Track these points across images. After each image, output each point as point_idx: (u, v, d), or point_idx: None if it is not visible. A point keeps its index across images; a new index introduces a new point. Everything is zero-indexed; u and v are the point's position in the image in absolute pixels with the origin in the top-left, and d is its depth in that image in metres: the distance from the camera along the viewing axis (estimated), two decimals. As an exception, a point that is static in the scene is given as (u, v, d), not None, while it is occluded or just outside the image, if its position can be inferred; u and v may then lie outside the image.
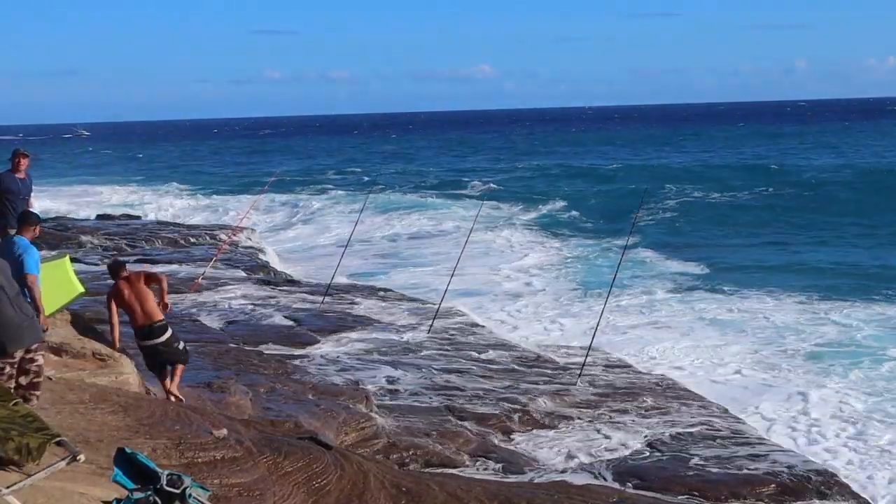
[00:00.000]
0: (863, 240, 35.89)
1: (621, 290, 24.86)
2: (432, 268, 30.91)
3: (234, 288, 23.02)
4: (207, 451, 7.94)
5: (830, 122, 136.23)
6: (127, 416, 8.40)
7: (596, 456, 12.17)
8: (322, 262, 31.25)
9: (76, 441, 7.02)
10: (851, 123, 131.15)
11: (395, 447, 11.88)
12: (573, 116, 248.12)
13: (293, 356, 16.22)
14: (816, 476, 11.56)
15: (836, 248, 34.38)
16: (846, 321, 22.14)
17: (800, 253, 33.65)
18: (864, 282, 27.29)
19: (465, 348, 17.58)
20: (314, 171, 76.30)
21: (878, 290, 25.48)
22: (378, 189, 44.02)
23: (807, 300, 24.65)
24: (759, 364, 18.76)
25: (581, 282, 28.14)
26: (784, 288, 26.29)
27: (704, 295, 25.90)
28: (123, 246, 30.70)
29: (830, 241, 36.20)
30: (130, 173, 77.85)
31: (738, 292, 26.16)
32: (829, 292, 25.44)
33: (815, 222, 40.47)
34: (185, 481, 5.66)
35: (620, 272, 20.32)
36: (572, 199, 50.46)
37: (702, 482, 11.28)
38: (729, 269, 30.38)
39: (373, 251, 35.55)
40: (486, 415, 13.61)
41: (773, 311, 23.45)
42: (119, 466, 5.77)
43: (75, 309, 12.95)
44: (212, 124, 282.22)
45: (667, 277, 28.81)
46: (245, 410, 11.79)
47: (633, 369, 16.83)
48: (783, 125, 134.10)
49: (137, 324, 11.16)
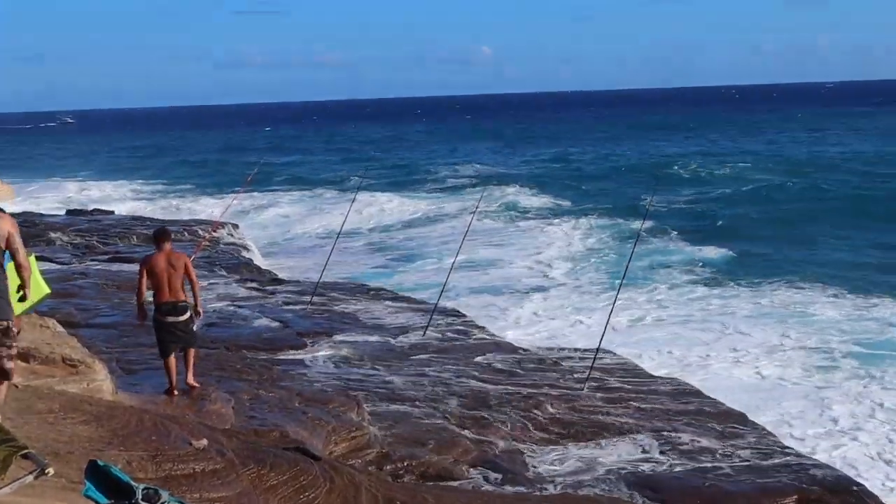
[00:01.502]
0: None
1: (633, 287, 24.92)
2: (432, 262, 30.96)
3: (214, 287, 23.00)
4: (186, 464, 7.93)
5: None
6: (99, 426, 8.40)
7: (605, 466, 12.16)
8: (315, 259, 31.29)
9: (45, 453, 7.00)
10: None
11: (388, 458, 11.87)
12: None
13: (279, 361, 16.20)
14: (842, 488, 11.54)
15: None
16: (881, 318, 22.13)
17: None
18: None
19: (464, 351, 17.57)
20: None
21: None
22: (366, 182, 44.06)
23: (838, 296, 24.66)
24: (779, 365, 18.80)
25: (591, 279, 28.20)
26: (811, 282, 26.31)
27: (721, 291, 25.94)
28: (95, 243, 30.69)
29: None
30: (133, 168, 77.93)
31: (760, 286, 26.18)
32: (866, 287, 25.38)
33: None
34: (163, 496, 5.64)
35: (634, 264, 20.33)
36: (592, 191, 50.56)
37: (719, 493, 11.29)
38: (751, 263, 30.38)
39: (367, 245, 35.58)
40: (487, 422, 13.60)
41: (799, 307, 23.47)
42: (91, 480, 5.75)
43: (43, 311, 12.93)
44: (195, 112, 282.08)
45: (682, 271, 28.86)
46: (227, 419, 11.78)
47: (644, 372, 16.83)
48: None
49: (162, 300, 11.73)
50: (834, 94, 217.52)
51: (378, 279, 28.38)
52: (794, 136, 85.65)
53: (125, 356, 14.90)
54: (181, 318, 11.91)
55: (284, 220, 44.28)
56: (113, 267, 25.57)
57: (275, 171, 68.68)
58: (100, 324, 17.80)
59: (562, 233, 37.23)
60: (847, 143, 74.15)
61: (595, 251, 33.14)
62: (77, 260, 27.24)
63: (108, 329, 17.29)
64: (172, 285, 11.73)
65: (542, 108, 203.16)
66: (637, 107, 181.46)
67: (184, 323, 11.90)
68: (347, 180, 56.52)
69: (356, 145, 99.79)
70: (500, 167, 63.04)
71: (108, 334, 16.76)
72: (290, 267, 31.16)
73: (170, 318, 11.77)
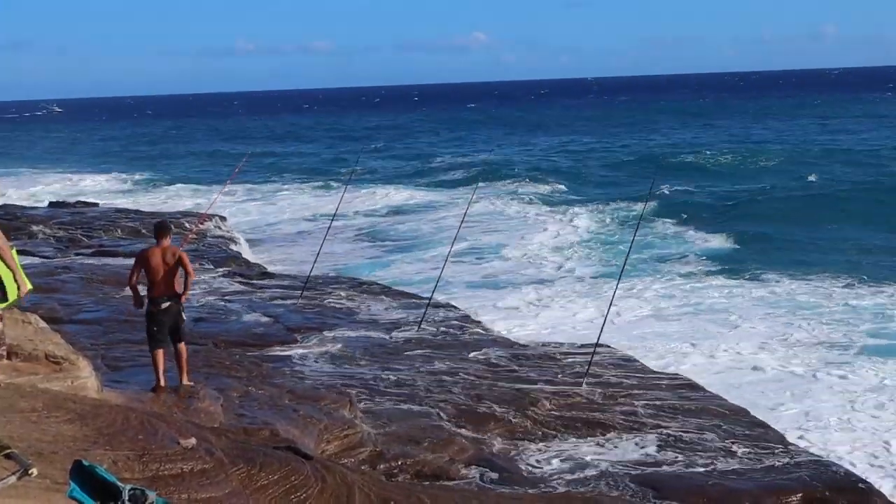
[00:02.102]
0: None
1: (633, 278, 24.94)
2: (426, 253, 30.95)
3: (202, 282, 22.99)
4: (174, 463, 7.93)
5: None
6: (84, 425, 8.39)
7: (605, 464, 12.18)
8: (305, 250, 31.29)
9: (28, 453, 7.00)
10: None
11: (382, 456, 11.88)
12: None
13: (269, 357, 16.20)
14: (849, 486, 11.57)
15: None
16: (888, 313, 22.12)
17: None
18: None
19: (459, 346, 17.58)
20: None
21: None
22: (360, 172, 44.09)
23: (844, 286, 24.67)
24: (784, 359, 18.81)
25: (590, 270, 28.21)
26: (819, 273, 26.31)
27: (724, 282, 25.94)
28: (80, 236, 30.66)
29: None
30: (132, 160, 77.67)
31: (765, 277, 26.16)
32: (877, 277, 25.37)
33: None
34: (150, 496, 5.64)
35: (635, 255, 20.34)
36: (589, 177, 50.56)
37: (723, 491, 11.31)
38: (756, 254, 30.35)
39: (359, 236, 35.58)
40: (483, 420, 13.62)
41: (801, 299, 23.48)
42: (76, 481, 5.74)
43: (25, 307, 12.91)
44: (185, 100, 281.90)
45: (683, 263, 28.88)
46: (216, 417, 11.78)
47: (645, 367, 16.85)
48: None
49: (155, 293, 12.13)
50: (840, 81, 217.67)
51: (371, 271, 28.39)
52: (808, 122, 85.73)
53: (110, 353, 14.90)
54: (174, 307, 12.23)
55: (275, 212, 44.25)
56: (97, 261, 25.53)
57: (269, 161, 68.86)
58: (84, 319, 17.78)
59: (561, 223, 37.26)
60: (866, 130, 74.14)
61: (594, 242, 33.17)
62: (60, 254, 27.19)
63: (92, 325, 17.28)
64: (166, 280, 12.09)
65: (542, 96, 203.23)
66: (645, 94, 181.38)
67: (176, 311, 12.21)
68: (339, 172, 56.37)
69: (355, 133, 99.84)
70: (497, 155, 63.00)
71: (92, 330, 16.74)
72: (280, 260, 31.16)
73: (162, 306, 12.11)
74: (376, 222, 39.72)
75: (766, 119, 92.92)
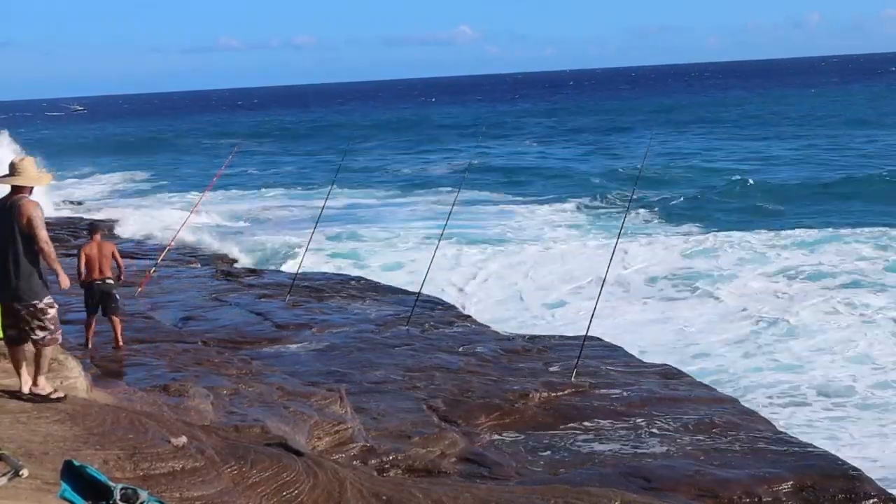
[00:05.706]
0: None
1: (621, 270, 25.00)
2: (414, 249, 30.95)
3: (190, 280, 22.94)
4: (165, 462, 7.92)
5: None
6: (74, 425, 8.38)
7: (596, 455, 12.20)
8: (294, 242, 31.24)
9: (18, 454, 6.99)
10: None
11: (373, 452, 11.89)
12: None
13: (258, 354, 16.20)
14: (841, 473, 11.58)
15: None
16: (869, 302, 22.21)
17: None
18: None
19: (449, 341, 17.60)
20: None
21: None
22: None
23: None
24: (771, 349, 18.88)
25: (579, 265, 28.26)
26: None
27: (711, 271, 26.01)
28: (66, 237, 30.56)
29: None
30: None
31: (750, 268, 26.24)
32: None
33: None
34: (141, 495, 5.64)
35: (623, 244, 20.36)
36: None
37: (714, 481, 11.34)
38: (743, 244, 30.43)
39: (347, 232, 35.57)
40: (474, 413, 13.64)
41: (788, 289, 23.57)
42: (67, 481, 5.74)
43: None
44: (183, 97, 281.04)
45: (671, 251, 28.95)
46: (206, 415, 11.78)
47: (634, 358, 16.90)
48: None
49: (91, 277, 14.83)
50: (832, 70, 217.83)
51: (358, 268, 28.35)
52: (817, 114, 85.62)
53: (99, 353, 14.88)
54: (104, 286, 14.90)
55: (264, 211, 44.11)
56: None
57: (261, 158, 68.73)
58: (72, 320, 17.70)
59: (550, 217, 37.36)
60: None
61: (583, 235, 33.20)
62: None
63: (80, 325, 17.21)
64: (102, 268, 14.86)
65: (531, 88, 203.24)
66: (641, 89, 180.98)
67: (108, 288, 14.91)
68: (319, 180, 55.81)
69: (339, 131, 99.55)
70: (481, 152, 62.93)
71: (80, 330, 16.69)
72: (269, 257, 31.06)
73: (96, 283, 14.83)
74: (362, 215, 39.71)
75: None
